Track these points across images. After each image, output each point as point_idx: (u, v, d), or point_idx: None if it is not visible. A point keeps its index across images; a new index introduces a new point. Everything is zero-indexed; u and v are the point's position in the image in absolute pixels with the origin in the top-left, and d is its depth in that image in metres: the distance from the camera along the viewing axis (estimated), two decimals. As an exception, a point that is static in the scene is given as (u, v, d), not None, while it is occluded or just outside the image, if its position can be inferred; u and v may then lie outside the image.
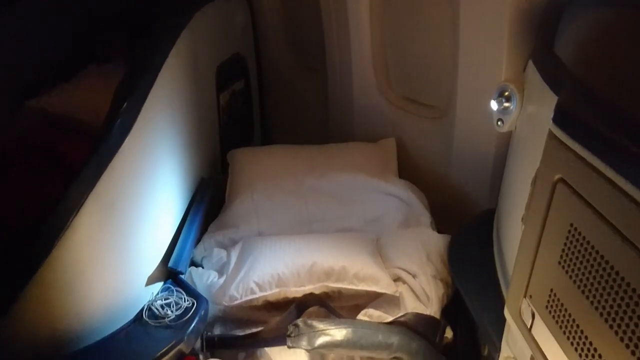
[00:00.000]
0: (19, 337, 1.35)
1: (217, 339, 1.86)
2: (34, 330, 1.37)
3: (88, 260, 1.40)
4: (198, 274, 2.05)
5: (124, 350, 1.48)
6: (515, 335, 1.38)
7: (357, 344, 1.69)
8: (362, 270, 1.96)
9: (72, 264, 1.35)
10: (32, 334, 1.37)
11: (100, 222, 1.42)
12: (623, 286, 0.90)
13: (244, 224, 2.35)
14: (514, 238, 1.46)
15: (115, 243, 1.50)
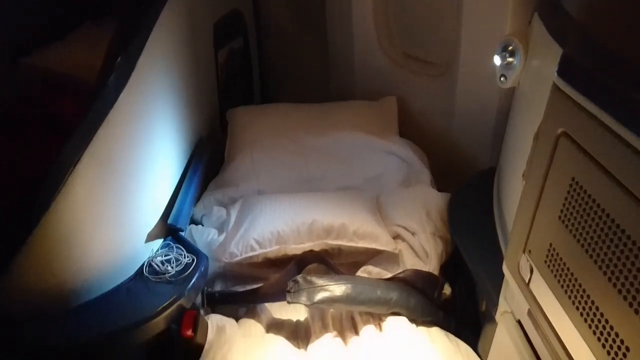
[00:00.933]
0: (20, 294, 1.36)
1: (218, 295, 1.89)
2: (34, 286, 1.38)
3: (86, 216, 1.39)
4: (198, 231, 2.06)
5: (126, 305, 1.50)
6: (513, 290, 1.39)
7: (356, 299, 1.71)
8: (362, 227, 1.97)
9: (70, 220, 1.35)
10: (33, 290, 1.38)
11: (98, 178, 1.41)
12: (623, 239, 0.89)
13: (244, 183, 2.34)
14: (514, 195, 1.46)
15: (114, 199, 1.50)
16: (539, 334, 1.29)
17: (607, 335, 0.94)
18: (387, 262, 1.99)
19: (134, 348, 1.56)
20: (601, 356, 0.96)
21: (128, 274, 1.60)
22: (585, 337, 1.01)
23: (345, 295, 1.70)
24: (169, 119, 1.91)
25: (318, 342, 1.68)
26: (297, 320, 1.86)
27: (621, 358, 0.91)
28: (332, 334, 1.71)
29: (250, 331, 1.73)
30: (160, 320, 1.49)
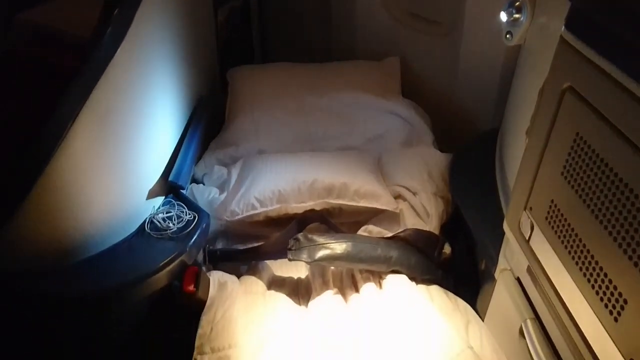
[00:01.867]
0: (21, 248, 1.37)
1: (219, 253, 1.90)
2: (36, 241, 1.38)
3: (86, 170, 1.39)
4: (199, 190, 2.06)
5: (127, 260, 1.51)
6: (513, 247, 1.40)
7: (357, 257, 1.72)
8: (363, 187, 1.97)
9: (70, 174, 1.34)
10: (35, 245, 1.38)
11: (97, 132, 1.39)
12: (626, 193, 0.89)
13: (245, 142, 2.33)
14: (517, 153, 1.45)
15: (113, 154, 1.49)
16: (537, 290, 1.30)
17: (606, 289, 0.95)
18: (388, 221, 1.99)
19: (136, 303, 1.59)
20: (599, 310, 0.97)
21: (130, 230, 1.61)
22: (584, 291, 1.02)
23: (346, 253, 1.71)
24: (168, 77, 1.89)
25: (318, 298, 1.70)
26: (298, 277, 1.87)
27: (618, 311, 0.91)
28: (333, 291, 1.73)
29: (252, 288, 1.75)
30: (162, 275, 1.51)
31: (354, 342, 1.54)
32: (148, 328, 1.66)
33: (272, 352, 1.52)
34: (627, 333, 0.90)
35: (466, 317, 1.65)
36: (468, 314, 1.67)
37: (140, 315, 1.66)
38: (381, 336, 1.54)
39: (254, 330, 1.58)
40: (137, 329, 1.64)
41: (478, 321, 1.65)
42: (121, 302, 1.52)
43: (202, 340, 1.52)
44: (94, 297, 1.42)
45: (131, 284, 1.46)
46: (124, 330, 1.60)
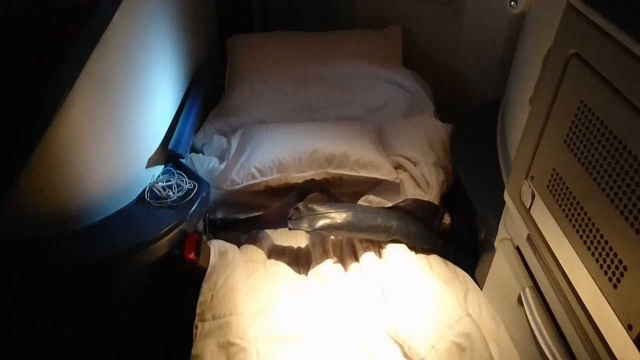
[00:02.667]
0: (22, 216, 1.37)
1: (219, 222, 1.90)
2: (37, 210, 1.38)
3: (85, 138, 1.37)
4: (199, 159, 2.05)
5: (128, 228, 1.51)
6: (513, 217, 1.40)
7: (357, 226, 1.72)
8: (363, 156, 1.96)
9: (69, 142, 1.33)
10: (36, 214, 1.38)
11: (95, 99, 1.38)
12: (630, 160, 0.88)
13: (244, 112, 2.31)
14: (519, 123, 1.44)
15: (112, 121, 1.47)
16: (537, 259, 1.31)
17: (606, 256, 0.95)
18: (388, 191, 1.99)
19: (137, 270, 1.59)
20: (598, 276, 0.98)
21: (129, 198, 1.60)
22: (584, 259, 1.03)
23: (346, 222, 1.71)
24: (166, 45, 1.86)
25: (318, 267, 1.71)
26: (298, 247, 1.88)
27: (618, 278, 0.92)
28: (332, 260, 1.74)
29: (252, 257, 1.76)
30: (162, 243, 1.51)
31: (354, 307, 1.56)
32: (150, 296, 1.67)
33: (273, 319, 1.54)
34: (625, 299, 0.90)
35: (465, 285, 1.66)
36: (467, 282, 1.68)
37: (142, 283, 1.67)
38: (381, 302, 1.56)
39: (255, 297, 1.60)
40: (138, 296, 1.66)
41: (477, 290, 1.66)
42: (122, 270, 1.53)
43: (203, 308, 1.53)
44: (95, 264, 1.42)
45: (132, 251, 1.47)
46: (126, 297, 1.61)
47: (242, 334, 1.43)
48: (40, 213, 1.39)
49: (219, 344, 1.42)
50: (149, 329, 1.66)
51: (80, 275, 1.46)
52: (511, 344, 1.46)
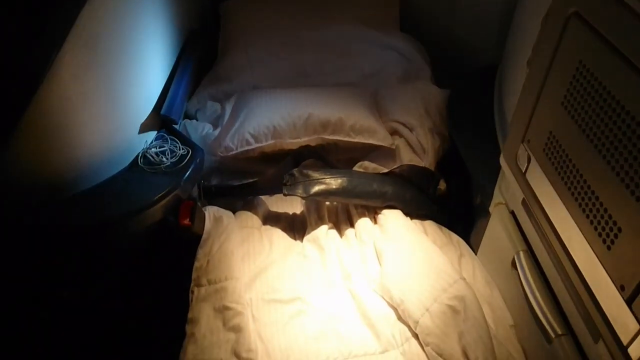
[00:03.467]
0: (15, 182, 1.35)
1: (214, 188, 1.89)
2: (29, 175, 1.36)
3: (76, 100, 1.35)
4: (192, 125, 2.03)
5: (122, 194, 1.49)
6: (508, 181, 1.40)
7: (352, 192, 1.72)
8: (359, 122, 1.94)
9: (59, 105, 1.30)
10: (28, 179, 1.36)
11: (84, 60, 1.34)
12: (627, 120, 0.87)
13: (238, 77, 2.27)
14: (517, 86, 1.42)
15: (102, 85, 1.44)
16: (531, 222, 1.31)
17: (600, 218, 0.95)
18: (384, 158, 1.98)
19: (132, 236, 1.58)
20: (592, 239, 0.98)
21: (122, 164, 1.59)
22: (578, 221, 1.03)
23: (341, 188, 1.71)
24: (157, 7, 1.81)
25: (314, 233, 1.71)
26: (293, 213, 1.88)
27: (612, 239, 0.92)
28: (328, 226, 1.74)
29: (247, 222, 1.76)
30: (156, 209, 1.50)
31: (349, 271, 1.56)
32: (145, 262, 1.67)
33: (268, 283, 1.55)
34: (619, 260, 0.91)
35: (459, 250, 1.67)
36: (461, 247, 1.69)
37: (137, 250, 1.67)
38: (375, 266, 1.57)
39: (250, 262, 1.60)
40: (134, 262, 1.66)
41: (471, 254, 1.67)
42: (116, 236, 1.52)
43: (199, 273, 1.53)
44: (89, 229, 1.41)
45: (126, 217, 1.46)
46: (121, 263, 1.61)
47: (238, 299, 1.44)
48: (32, 178, 1.37)
49: (215, 308, 1.43)
50: (145, 294, 1.67)
51: (74, 240, 1.45)
52: (504, 307, 1.47)
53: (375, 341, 1.39)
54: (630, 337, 0.88)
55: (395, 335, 1.39)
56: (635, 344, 0.88)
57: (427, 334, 1.32)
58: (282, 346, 1.37)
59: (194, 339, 1.36)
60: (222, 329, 1.38)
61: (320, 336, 1.39)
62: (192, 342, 1.36)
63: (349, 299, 1.51)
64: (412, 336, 1.38)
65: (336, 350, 1.36)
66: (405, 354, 1.35)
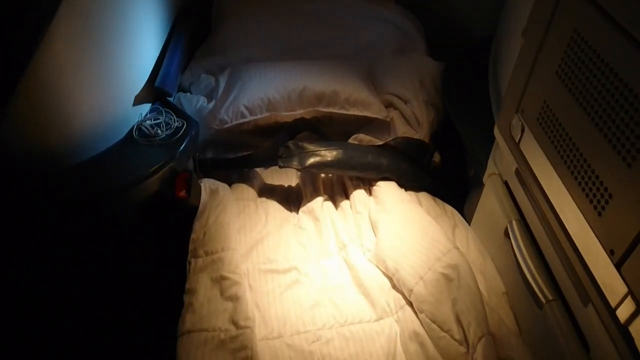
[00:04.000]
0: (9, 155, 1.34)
1: (209, 161, 1.90)
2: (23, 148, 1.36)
3: (69, 72, 1.33)
4: (186, 98, 2.02)
5: (117, 167, 1.49)
6: (502, 151, 1.41)
7: (347, 164, 1.73)
8: (354, 95, 1.94)
9: (53, 77, 1.29)
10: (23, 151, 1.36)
11: (77, 32, 1.32)
12: (620, 87, 0.88)
13: (232, 50, 2.25)
14: (511, 57, 1.42)
15: (95, 55, 1.43)
16: (524, 192, 1.33)
17: (592, 185, 0.97)
18: (379, 130, 1.99)
19: (127, 209, 1.59)
20: (584, 205, 0.99)
21: (117, 137, 1.58)
22: (570, 189, 1.04)
23: (337, 159, 1.72)
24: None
25: (309, 205, 1.73)
26: (289, 185, 1.89)
27: (603, 205, 0.94)
28: (323, 198, 1.75)
29: (243, 195, 1.77)
30: (152, 181, 1.50)
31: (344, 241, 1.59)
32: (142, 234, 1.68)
33: (264, 254, 1.56)
34: (609, 226, 0.93)
35: (453, 221, 1.69)
36: (455, 218, 1.71)
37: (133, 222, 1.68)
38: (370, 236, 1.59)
39: (246, 233, 1.62)
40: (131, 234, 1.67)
41: (464, 225, 1.69)
42: (113, 208, 1.53)
43: (196, 245, 1.55)
44: (85, 202, 1.42)
45: (122, 189, 1.46)
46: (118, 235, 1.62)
47: (235, 269, 1.46)
48: (27, 151, 1.37)
49: (212, 279, 1.45)
50: (142, 266, 1.68)
51: (70, 213, 1.45)
52: (497, 275, 1.50)
53: (370, 309, 1.41)
54: (618, 300, 0.91)
55: (390, 303, 1.42)
56: (623, 306, 0.90)
57: (421, 301, 1.34)
58: (279, 314, 1.40)
59: (192, 308, 1.38)
60: (219, 299, 1.40)
61: (316, 305, 1.42)
62: (190, 312, 1.38)
63: (344, 269, 1.53)
64: (406, 304, 1.41)
65: (332, 318, 1.38)
66: (399, 321, 1.38)
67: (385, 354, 1.30)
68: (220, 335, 1.31)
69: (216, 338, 1.30)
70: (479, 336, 1.22)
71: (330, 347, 1.31)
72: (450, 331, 1.27)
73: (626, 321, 0.91)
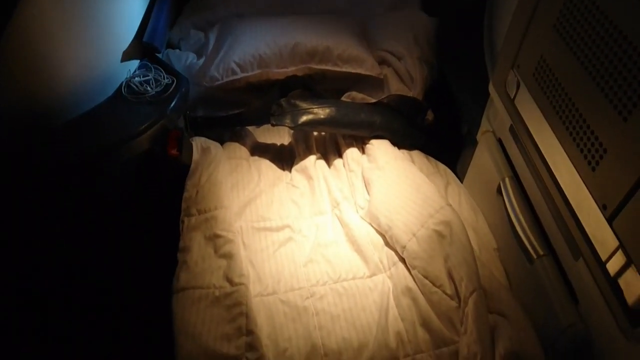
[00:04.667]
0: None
1: (200, 120, 1.87)
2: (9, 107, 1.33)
3: (54, 25, 1.29)
4: (175, 55, 1.97)
5: (106, 125, 1.46)
6: (497, 108, 1.40)
7: (340, 122, 1.71)
8: (347, 51, 1.90)
9: (37, 30, 1.25)
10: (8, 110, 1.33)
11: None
12: (619, 40, 0.86)
13: (221, 5, 2.19)
14: (507, 12, 1.39)
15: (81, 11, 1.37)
16: (518, 148, 1.33)
17: (587, 140, 0.96)
18: (372, 87, 1.96)
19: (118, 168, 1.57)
20: (578, 161, 0.99)
21: (106, 94, 1.55)
22: (565, 144, 1.04)
23: (330, 117, 1.70)
24: None
25: (302, 163, 1.72)
26: (281, 143, 1.88)
27: (597, 160, 0.94)
28: (316, 156, 1.74)
29: (235, 153, 1.75)
30: (143, 139, 1.48)
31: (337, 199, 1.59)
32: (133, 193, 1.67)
33: (258, 212, 1.56)
34: (602, 181, 0.93)
35: (446, 178, 1.70)
36: (448, 176, 1.72)
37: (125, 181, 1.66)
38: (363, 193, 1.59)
39: (239, 192, 1.61)
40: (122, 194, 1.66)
41: (457, 183, 1.70)
42: (103, 167, 1.51)
43: (188, 203, 1.54)
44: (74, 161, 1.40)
45: (112, 147, 1.44)
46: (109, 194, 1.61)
47: (228, 227, 1.46)
48: (14, 109, 1.33)
49: (206, 237, 1.45)
50: (135, 225, 1.68)
51: (59, 172, 1.43)
52: (488, 231, 1.52)
53: (364, 266, 1.43)
54: (609, 253, 0.92)
55: (383, 260, 1.44)
56: (614, 259, 0.91)
57: (414, 257, 1.36)
58: (273, 271, 1.41)
59: (186, 266, 1.39)
60: (213, 256, 1.41)
61: (310, 262, 1.43)
62: (184, 270, 1.38)
63: (337, 226, 1.54)
64: (399, 260, 1.42)
65: (325, 274, 1.40)
66: (392, 277, 1.40)
67: (378, 308, 1.32)
68: (215, 292, 1.32)
69: (211, 295, 1.31)
70: (471, 291, 1.24)
71: (324, 302, 1.33)
72: (442, 286, 1.29)
73: (616, 274, 0.92)
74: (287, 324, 1.28)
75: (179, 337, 1.23)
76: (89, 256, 1.62)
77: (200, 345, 1.21)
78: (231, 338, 1.23)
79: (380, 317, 1.29)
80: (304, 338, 1.25)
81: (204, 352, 1.20)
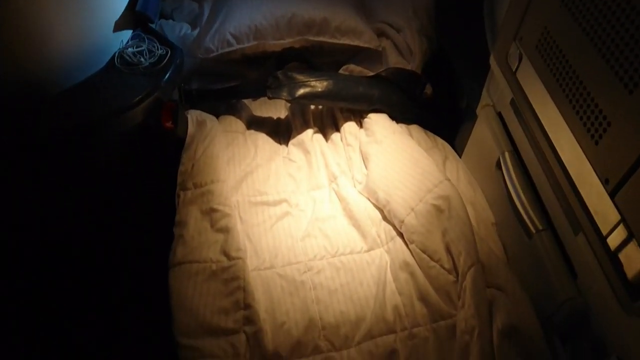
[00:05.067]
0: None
1: (195, 92, 1.83)
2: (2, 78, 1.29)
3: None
4: (169, 26, 1.92)
5: (99, 96, 1.43)
6: (498, 81, 1.38)
7: (338, 95, 1.69)
8: (345, 23, 1.87)
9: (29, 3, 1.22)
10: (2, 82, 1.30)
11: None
12: (627, 10, 0.84)
13: (216, -26, 2.14)
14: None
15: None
16: (519, 122, 1.31)
17: (590, 113, 0.95)
18: (370, 60, 1.93)
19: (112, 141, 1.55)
20: (581, 134, 0.98)
21: (98, 65, 1.51)
22: (567, 118, 1.02)
23: (327, 90, 1.67)
24: None
25: (299, 137, 1.70)
26: (278, 117, 1.85)
27: (600, 134, 0.92)
28: (313, 130, 1.72)
29: (231, 127, 1.73)
30: (137, 111, 1.45)
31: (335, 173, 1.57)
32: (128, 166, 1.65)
33: (254, 186, 1.55)
34: (605, 155, 0.92)
35: (444, 153, 1.68)
36: (446, 150, 1.70)
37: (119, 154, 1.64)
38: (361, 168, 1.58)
39: (236, 165, 1.60)
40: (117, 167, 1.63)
41: (455, 157, 1.69)
42: (97, 139, 1.48)
43: (184, 177, 1.52)
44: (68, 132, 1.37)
45: (106, 118, 1.41)
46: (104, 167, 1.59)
47: (225, 201, 1.45)
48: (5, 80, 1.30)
49: (202, 211, 1.44)
50: (130, 199, 1.66)
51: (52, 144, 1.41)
52: (487, 206, 1.51)
53: (361, 240, 1.42)
54: (610, 228, 0.92)
55: (381, 234, 1.43)
56: (615, 234, 0.91)
57: (412, 232, 1.35)
58: (270, 246, 1.40)
59: (183, 240, 1.38)
60: (210, 230, 1.40)
61: (307, 236, 1.42)
62: (181, 244, 1.37)
63: (335, 201, 1.53)
64: (396, 235, 1.41)
65: (323, 249, 1.39)
66: (390, 251, 1.39)
67: (376, 282, 1.32)
68: (212, 266, 1.31)
69: (207, 269, 1.31)
70: (469, 265, 1.24)
71: (321, 276, 1.33)
72: (440, 261, 1.29)
73: (616, 248, 0.92)
74: (285, 298, 1.28)
75: (176, 311, 1.23)
76: (83, 230, 1.61)
77: (197, 319, 1.21)
78: (229, 312, 1.22)
79: (378, 291, 1.29)
80: (302, 312, 1.25)
81: (202, 326, 1.20)
